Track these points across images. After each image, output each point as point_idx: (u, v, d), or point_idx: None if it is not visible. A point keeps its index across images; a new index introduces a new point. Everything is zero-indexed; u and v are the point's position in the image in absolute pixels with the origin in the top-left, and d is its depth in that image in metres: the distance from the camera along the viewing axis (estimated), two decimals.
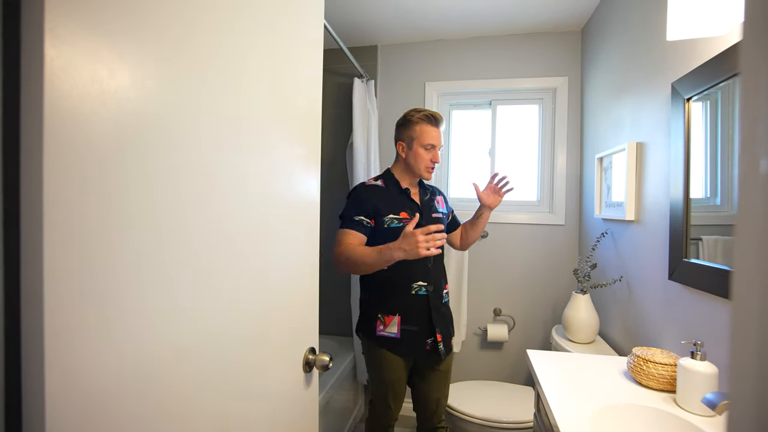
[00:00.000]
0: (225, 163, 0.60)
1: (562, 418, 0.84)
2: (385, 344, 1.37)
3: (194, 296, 0.54)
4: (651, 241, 1.27)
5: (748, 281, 0.23)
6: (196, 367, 0.54)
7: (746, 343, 0.23)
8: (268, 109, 0.72)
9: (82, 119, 0.39)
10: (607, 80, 1.71)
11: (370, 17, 2.02)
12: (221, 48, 0.59)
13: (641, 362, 1.00)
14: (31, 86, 0.36)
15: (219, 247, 0.59)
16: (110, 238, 0.42)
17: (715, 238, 1.02)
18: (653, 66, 1.26)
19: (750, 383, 0.23)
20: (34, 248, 0.36)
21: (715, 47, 0.94)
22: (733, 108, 0.94)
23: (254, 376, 0.69)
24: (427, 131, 1.36)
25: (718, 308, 0.94)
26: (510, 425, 1.56)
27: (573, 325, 1.59)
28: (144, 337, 0.46)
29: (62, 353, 0.37)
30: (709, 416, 0.86)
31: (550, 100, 2.17)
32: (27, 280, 0.36)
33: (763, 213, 0.22)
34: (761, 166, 0.22)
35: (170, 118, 0.50)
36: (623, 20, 1.53)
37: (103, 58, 0.41)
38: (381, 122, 2.31)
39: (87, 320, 0.40)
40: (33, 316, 0.36)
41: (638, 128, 1.38)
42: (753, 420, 0.22)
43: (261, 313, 0.71)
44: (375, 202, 1.34)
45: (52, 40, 0.36)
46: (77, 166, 0.39)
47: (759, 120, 0.23)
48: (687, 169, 1.04)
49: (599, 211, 1.71)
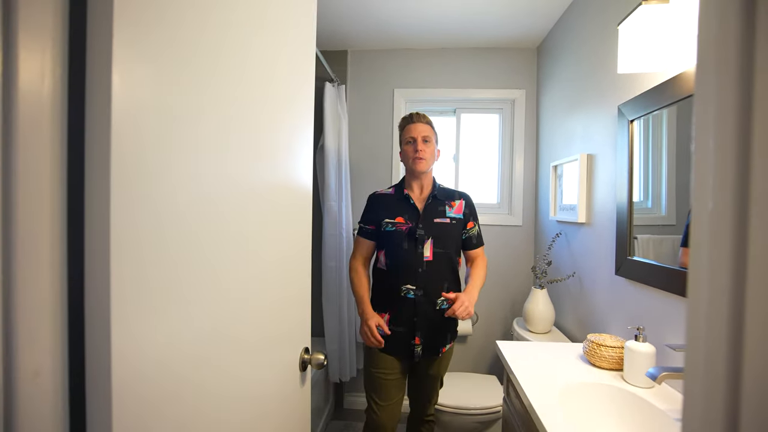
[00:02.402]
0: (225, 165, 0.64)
1: (534, 399, 0.97)
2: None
3: (198, 298, 0.54)
4: (600, 241, 1.45)
5: (700, 286, 0.33)
6: (195, 368, 0.54)
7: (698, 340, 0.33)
8: (267, 110, 0.76)
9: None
10: (560, 96, 1.90)
11: (341, 23, 2.07)
12: (224, 50, 0.62)
13: (595, 347, 1.16)
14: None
15: (226, 250, 0.61)
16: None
17: (648, 237, 1.21)
18: (602, 88, 1.44)
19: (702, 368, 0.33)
20: (101, 244, 0.40)
21: (653, 80, 1.11)
22: (660, 131, 1.14)
23: (253, 377, 0.71)
24: (406, 129, 1.46)
25: (655, 298, 1.12)
26: (478, 411, 1.69)
27: (532, 318, 1.75)
28: (146, 339, 0.46)
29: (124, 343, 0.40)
30: (649, 387, 1.02)
31: (509, 110, 2.35)
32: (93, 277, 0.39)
33: (709, 234, 0.32)
34: (709, 205, 0.33)
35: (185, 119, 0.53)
36: (575, 44, 1.71)
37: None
38: (351, 126, 2.36)
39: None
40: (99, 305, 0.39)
41: (588, 141, 1.56)
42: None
43: (263, 315, 0.74)
44: (377, 209, 1.48)
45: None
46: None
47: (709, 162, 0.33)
48: (631, 179, 1.22)
49: (554, 214, 1.90)
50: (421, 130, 1.43)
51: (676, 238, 1.09)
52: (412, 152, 1.42)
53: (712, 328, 0.32)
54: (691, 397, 0.33)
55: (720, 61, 0.32)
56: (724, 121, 0.32)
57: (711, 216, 0.33)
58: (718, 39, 0.32)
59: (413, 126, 1.44)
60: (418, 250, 1.38)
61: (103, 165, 0.40)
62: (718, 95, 0.32)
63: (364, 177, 2.38)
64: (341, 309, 2.18)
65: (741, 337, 0.31)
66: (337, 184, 2.19)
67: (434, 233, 1.40)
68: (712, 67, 0.33)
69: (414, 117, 1.46)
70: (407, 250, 1.38)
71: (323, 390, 2.17)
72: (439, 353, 1.45)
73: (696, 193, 0.35)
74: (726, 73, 0.31)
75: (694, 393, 0.33)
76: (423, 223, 1.41)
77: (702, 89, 0.33)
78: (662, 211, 1.17)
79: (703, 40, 0.34)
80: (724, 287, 0.32)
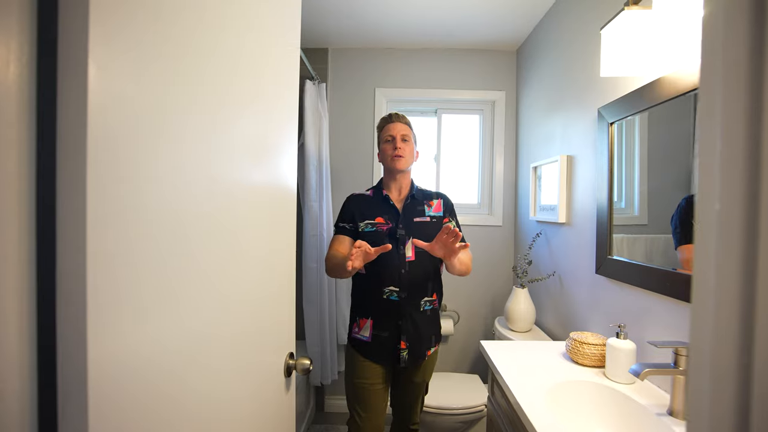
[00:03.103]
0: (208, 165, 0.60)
1: (521, 398, 0.97)
2: (357, 347, 1.40)
3: (178, 302, 0.51)
4: (580, 241, 1.48)
5: (706, 289, 0.33)
6: (174, 376, 0.50)
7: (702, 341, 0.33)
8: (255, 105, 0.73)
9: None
10: (540, 98, 1.93)
11: (322, 20, 2.03)
12: (213, 49, 0.59)
13: (577, 344, 1.18)
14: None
15: (209, 251, 0.57)
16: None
17: (622, 237, 1.24)
18: (582, 91, 1.47)
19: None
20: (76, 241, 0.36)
21: (633, 84, 1.15)
22: (634, 135, 1.19)
23: (236, 383, 0.67)
24: (385, 128, 1.45)
25: (634, 296, 1.15)
26: (462, 411, 1.70)
27: (514, 317, 1.77)
28: (135, 341, 0.43)
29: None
30: (630, 383, 1.05)
31: (489, 111, 2.38)
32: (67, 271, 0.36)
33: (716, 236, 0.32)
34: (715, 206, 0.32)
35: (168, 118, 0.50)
36: (555, 47, 1.75)
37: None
38: (331, 125, 2.33)
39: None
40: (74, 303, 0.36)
41: (568, 143, 1.60)
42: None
43: (246, 320, 0.71)
44: (355, 209, 1.43)
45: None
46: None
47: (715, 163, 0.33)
48: (611, 180, 1.25)
49: (534, 214, 1.93)
50: (400, 129, 1.42)
51: (648, 237, 1.15)
52: (391, 150, 1.41)
53: (719, 331, 0.32)
54: (698, 406, 0.32)
55: (728, 60, 0.32)
56: (732, 121, 0.32)
57: (718, 216, 0.33)
58: (726, 38, 0.32)
59: (392, 125, 1.43)
60: (399, 250, 1.36)
61: (79, 159, 0.36)
62: (724, 92, 0.32)
63: (344, 177, 2.36)
64: (322, 311, 2.14)
65: (751, 342, 0.31)
66: (318, 184, 2.15)
67: (415, 232, 1.38)
68: (719, 64, 0.32)
69: (393, 117, 1.45)
70: (389, 250, 1.34)
71: (304, 393, 2.12)
72: (424, 357, 1.41)
73: (701, 194, 0.35)
74: (734, 70, 0.31)
75: (701, 403, 0.32)
76: (403, 222, 1.39)
77: (707, 85, 0.33)
78: (635, 211, 1.21)
79: (708, 39, 0.33)
80: (733, 289, 0.32)
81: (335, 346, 2.21)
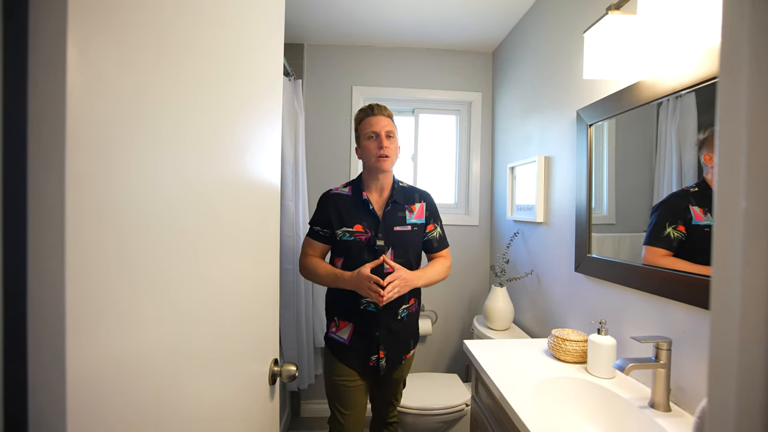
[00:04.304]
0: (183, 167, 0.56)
1: (510, 396, 0.97)
2: (334, 348, 1.37)
3: (156, 306, 0.45)
4: (558, 240, 1.51)
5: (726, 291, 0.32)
6: (151, 385, 0.45)
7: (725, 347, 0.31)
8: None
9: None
10: (516, 99, 1.97)
11: (297, 14, 1.97)
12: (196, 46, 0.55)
13: (559, 341, 1.20)
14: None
15: (192, 250, 0.53)
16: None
17: (593, 235, 1.30)
18: (560, 93, 1.51)
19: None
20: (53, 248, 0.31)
21: (611, 87, 1.18)
22: (603, 138, 1.25)
23: (220, 393, 0.63)
24: (367, 122, 1.32)
25: (613, 292, 1.18)
26: (442, 411, 1.70)
27: (493, 315, 1.80)
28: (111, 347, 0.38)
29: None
30: (611, 378, 1.08)
31: (466, 112, 2.41)
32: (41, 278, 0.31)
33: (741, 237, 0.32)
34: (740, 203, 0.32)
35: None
36: (531, 50, 1.78)
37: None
38: (307, 123, 2.27)
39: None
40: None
41: (546, 144, 1.63)
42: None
43: (231, 325, 0.66)
44: (331, 213, 1.34)
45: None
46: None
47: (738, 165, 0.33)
48: (590, 180, 1.28)
49: (511, 214, 1.97)
50: (384, 124, 1.31)
51: (616, 236, 1.21)
52: (376, 149, 1.29)
53: (744, 339, 0.30)
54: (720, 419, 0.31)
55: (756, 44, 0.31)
56: (760, 112, 0.31)
57: (744, 215, 0.32)
58: (751, 28, 0.31)
59: (375, 119, 1.31)
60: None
61: (57, 150, 0.31)
62: (749, 83, 0.31)
63: (320, 176, 2.30)
64: (298, 313, 2.08)
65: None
66: (294, 183, 2.08)
67: (394, 242, 1.33)
68: (745, 49, 0.31)
69: (375, 109, 1.32)
70: (367, 261, 1.28)
71: (279, 399, 2.05)
72: (401, 362, 1.40)
73: (721, 192, 0.35)
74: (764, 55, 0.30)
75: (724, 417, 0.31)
76: (383, 231, 1.32)
77: (729, 75, 0.31)
78: (604, 211, 1.27)
79: (728, 32, 0.32)
80: (761, 293, 0.31)
81: (312, 349, 2.16)
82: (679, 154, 0.98)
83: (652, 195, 1.05)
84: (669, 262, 0.97)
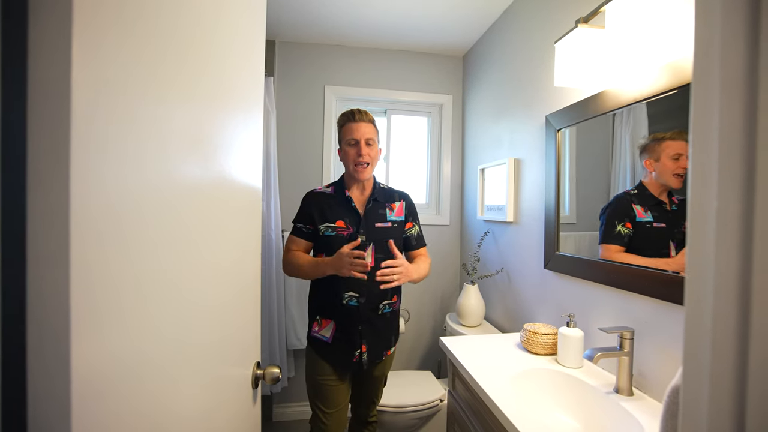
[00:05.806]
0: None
1: (489, 389, 1.01)
2: (317, 347, 1.37)
3: (137, 308, 0.42)
4: (528, 238, 1.59)
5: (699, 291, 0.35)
6: (130, 390, 0.41)
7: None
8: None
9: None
10: (486, 103, 2.04)
11: (269, 10, 1.93)
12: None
13: (531, 335, 1.26)
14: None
15: (175, 252, 0.49)
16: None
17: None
18: (529, 98, 1.58)
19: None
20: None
21: (578, 95, 1.26)
22: (565, 142, 1.34)
23: (202, 398, 0.60)
24: (348, 128, 1.35)
25: (580, 287, 1.26)
26: (418, 407, 1.73)
27: (465, 312, 1.85)
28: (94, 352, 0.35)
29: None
30: (579, 368, 1.15)
31: (437, 114, 2.46)
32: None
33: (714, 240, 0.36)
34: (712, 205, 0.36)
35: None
36: (502, 56, 1.86)
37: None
38: (279, 121, 2.23)
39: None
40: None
41: (516, 146, 1.71)
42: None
43: (214, 328, 0.65)
44: (314, 210, 1.37)
45: None
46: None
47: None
48: (558, 182, 1.36)
49: (481, 213, 2.03)
50: (365, 131, 1.34)
51: (578, 234, 1.30)
52: (355, 156, 1.33)
53: (717, 335, 0.31)
54: (693, 410, 0.32)
55: (724, 57, 0.33)
56: (730, 117, 0.34)
57: (717, 215, 0.36)
58: (722, 35, 0.34)
59: (355, 126, 1.34)
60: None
61: (62, 151, 0.30)
62: (722, 86, 0.33)
63: (293, 176, 2.27)
64: (271, 315, 2.04)
65: (746, 344, 0.33)
66: (266, 183, 2.04)
67: (375, 238, 1.36)
68: (716, 58, 0.33)
69: (356, 115, 1.35)
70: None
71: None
72: (382, 358, 1.42)
73: (694, 194, 0.38)
74: (732, 63, 0.32)
75: (697, 406, 0.32)
76: (364, 227, 1.36)
77: (703, 80, 0.33)
78: (566, 211, 1.36)
79: (703, 30, 0.34)
80: (731, 290, 0.33)
81: (285, 352, 2.12)
82: (632, 159, 1.07)
83: (609, 197, 1.14)
84: (622, 257, 1.08)
